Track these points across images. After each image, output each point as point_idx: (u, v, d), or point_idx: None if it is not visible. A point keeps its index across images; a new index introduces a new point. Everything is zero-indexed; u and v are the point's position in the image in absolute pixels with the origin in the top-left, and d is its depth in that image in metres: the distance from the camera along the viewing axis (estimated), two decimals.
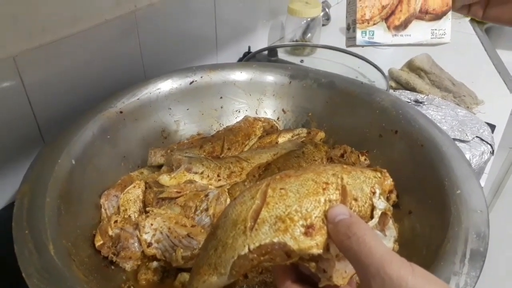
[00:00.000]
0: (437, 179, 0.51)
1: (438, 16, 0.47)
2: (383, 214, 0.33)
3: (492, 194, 1.25)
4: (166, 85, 0.66)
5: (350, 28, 0.45)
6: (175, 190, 0.52)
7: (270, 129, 0.68)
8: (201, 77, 0.68)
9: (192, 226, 0.47)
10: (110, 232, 0.47)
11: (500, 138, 0.88)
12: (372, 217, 0.32)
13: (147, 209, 0.50)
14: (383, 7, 0.43)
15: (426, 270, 0.27)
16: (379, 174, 0.36)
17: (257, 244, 0.29)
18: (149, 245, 0.46)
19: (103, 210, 0.51)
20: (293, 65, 0.87)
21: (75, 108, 0.62)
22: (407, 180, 0.56)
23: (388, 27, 0.44)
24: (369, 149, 0.62)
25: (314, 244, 0.29)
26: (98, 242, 0.46)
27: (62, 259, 0.39)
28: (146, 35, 0.73)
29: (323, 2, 1.21)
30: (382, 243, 0.27)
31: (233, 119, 0.71)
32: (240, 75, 0.70)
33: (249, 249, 0.29)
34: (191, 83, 0.67)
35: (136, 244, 0.46)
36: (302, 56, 1.05)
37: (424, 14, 0.46)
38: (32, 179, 0.47)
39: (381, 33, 0.44)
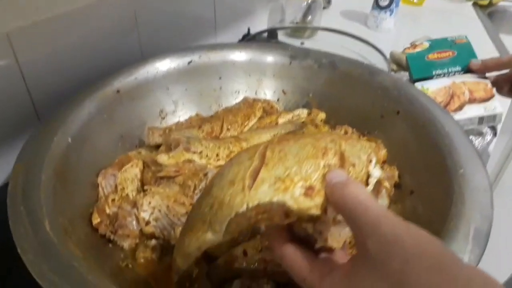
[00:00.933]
0: (440, 159, 0.50)
1: (485, 100, 0.64)
2: (378, 183, 0.34)
3: (494, 176, 1.25)
4: (164, 65, 0.64)
5: None
6: (174, 169, 0.51)
7: (270, 110, 0.67)
8: (200, 57, 0.67)
9: (191, 204, 0.46)
10: (108, 211, 0.47)
11: (502, 120, 0.87)
12: (367, 184, 0.32)
13: (145, 187, 0.49)
14: (440, 103, 0.61)
15: None
16: (373, 144, 0.36)
17: (256, 203, 0.29)
18: (147, 223, 0.45)
19: (100, 189, 0.50)
20: (293, 46, 0.86)
21: (71, 86, 0.60)
22: (409, 160, 0.55)
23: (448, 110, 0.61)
24: (370, 130, 0.61)
25: (314, 205, 0.29)
26: (96, 220, 0.46)
27: (58, 236, 0.38)
28: (144, 14, 0.71)
29: None
30: (377, 203, 0.27)
31: (232, 100, 0.69)
32: (240, 55, 0.69)
33: (247, 207, 0.29)
34: (189, 63, 0.66)
35: (134, 222, 0.46)
36: (302, 39, 1.03)
37: (473, 101, 0.63)
38: (27, 157, 0.46)
39: None
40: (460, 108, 0.63)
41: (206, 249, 0.32)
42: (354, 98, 0.64)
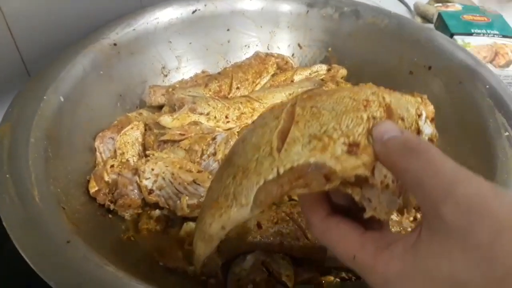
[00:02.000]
0: (479, 120, 0.44)
1: None
2: (429, 141, 0.28)
3: None
4: (165, 14, 0.58)
5: None
6: (179, 132, 0.46)
7: (285, 66, 0.60)
8: (205, 5, 0.60)
9: (198, 171, 0.42)
10: (106, 178, 0.42)
11: None
12: None
13: (147, 152, 0.45)
14: (484, 58, 0.62)
15: None
16: (419, 99, 0.31)
17: (288, 166, 0.24)
18: (150, 192, 0.41)
19: (98, 153, 0.45)
20: None
21: (63, 39, 0.54)
22: (441, 121, 0.49)
23: (495, 66, 0.62)
24: (397, 87, 0.54)
25: (361, 163, 0.24)
26: (93, 188, 0.41)
27: (50, 208, 0.34)
28: None
29: None
30: (450, 159, 0.21)
31: (241, 55, 0.63)
32: (250, 3, 0.61)
33: (278, 172, 0.24)
34: (193, 12, 0.59)
35: (135, 191, 0.41)
36: None
37: None
38: (14, 117, 0.41)
39: (492, 68, 0.61)
40: (507, 65, 0.62)
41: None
42: (379, 52, 0.57)
